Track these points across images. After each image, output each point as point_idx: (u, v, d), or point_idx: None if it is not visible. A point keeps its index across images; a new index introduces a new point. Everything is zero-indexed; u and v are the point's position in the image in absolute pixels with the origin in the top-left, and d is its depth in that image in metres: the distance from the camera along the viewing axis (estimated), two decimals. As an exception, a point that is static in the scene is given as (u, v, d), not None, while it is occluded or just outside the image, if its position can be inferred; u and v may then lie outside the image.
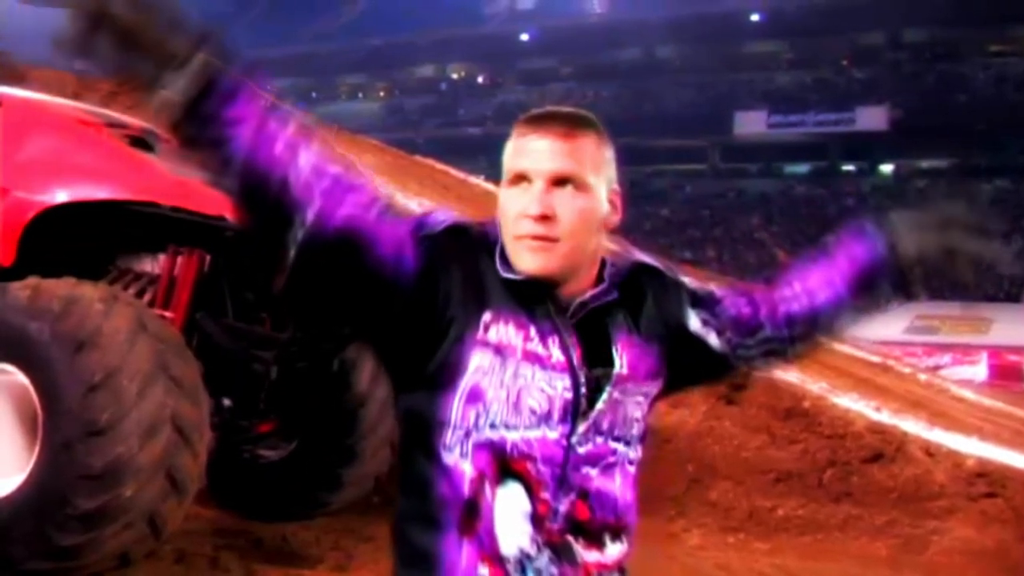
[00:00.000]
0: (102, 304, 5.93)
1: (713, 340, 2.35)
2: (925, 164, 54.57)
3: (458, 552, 2.06)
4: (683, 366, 2.32)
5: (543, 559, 2.07)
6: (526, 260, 2.10)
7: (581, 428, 2.11)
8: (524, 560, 2.06)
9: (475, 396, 2.07)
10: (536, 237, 2.09)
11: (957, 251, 2.51)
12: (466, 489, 2.06)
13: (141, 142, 7.35)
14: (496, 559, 2.06)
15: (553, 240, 2.09)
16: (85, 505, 5.58)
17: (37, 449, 5.79)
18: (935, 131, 50.49)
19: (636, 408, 2.20)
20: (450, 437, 2.07)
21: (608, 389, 2.14)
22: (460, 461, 2.06)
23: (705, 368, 2.42)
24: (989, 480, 9.07)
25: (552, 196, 2.10)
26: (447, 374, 2.08)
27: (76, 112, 7.77)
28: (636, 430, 2.21)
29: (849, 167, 57.01)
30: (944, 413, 11.83)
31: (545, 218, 2.08)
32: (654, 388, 2.26)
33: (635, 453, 2.21)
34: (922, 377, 15.43)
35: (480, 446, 2.06)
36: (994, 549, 8.18)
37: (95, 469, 5.58)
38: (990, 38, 54.68)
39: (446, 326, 2.08)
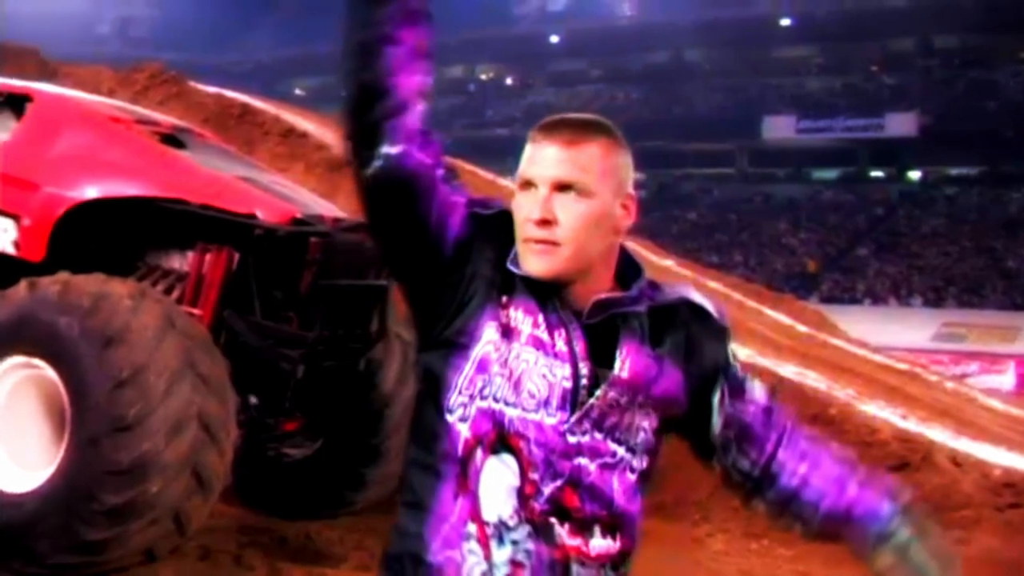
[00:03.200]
0: (131, 301, 5.97)
1: (715, 423, 2.36)
2: (954, 171, 54.28)
3: (452, 505, 2.16)
4: (686, 414, 2.33)
5: (521, 532, 2.15)
6: (531, 263, 2.18)
7: (574, 418, 2.16)
8: (502, 528, 2.14)
9: (484, 366, 2.17)
10: (539, 241, 2.16)
11: None
12: (460, 450, 2.16)
13: (172, 139, 7.40)
14: (481, 521, 2.15)
15: (555, 244, 2.16)
16: (111, 500, 5.63)
17: (64, 444, 5.84)
18: (965, 138, 50.12)
19: (644, 418, 2.24)
20: (454, 399, 2.18)
21: (604, 387, 2.19)
22: (458, 423, 2.17)
23: (692, 436, 2.40)
24: (1016, 490, 9.02)
25: (555, 201, 2.17)
26: (462, 341, 2.19)
27: (107, 109, 7.83)
28: (641, 439, 2.24)
29: (878, 173, 56.70)
30: (971, 422, 11.76)
31: (546, 222, 2.16)
32: (667, 408, 2.27)
33: (639, 463, 2.24)
34: (949, 385, 15.34)
35: (482, 413, 2.16)
36: (1019, 560, 8.13)
37: (122, 465, 5.63)
38: (1021, 45, 54.28)
39: (468, 298, 2.20)
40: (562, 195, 2.17)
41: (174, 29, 70.69)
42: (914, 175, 55.55)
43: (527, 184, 2.20)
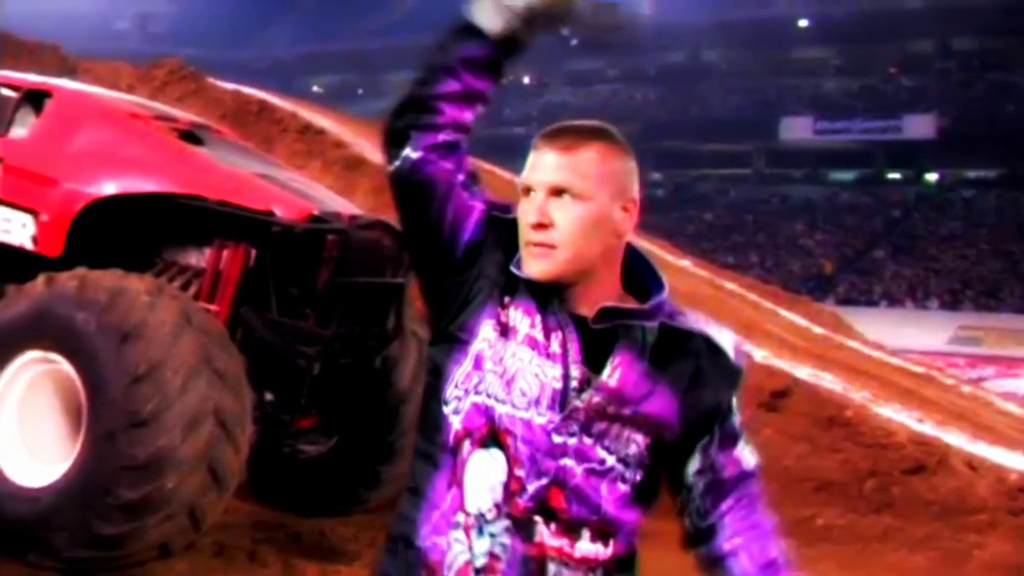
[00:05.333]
0: (148, 296, 5.98)
1: (694, 462, 2.35)
2: (972, 174, 54.11)
3: (445, 494, 2.24)
4: (677, 442, 2.32)
5: (499, 526, 2.19)
6: (530, 265, 2.23)
7: (558, 418, 2.19)
8: (481, 520, 2.20)
9: (479, 363, 2.25)
10: (537, 244, 2.22)
11: None
12: (451, 441, 2.25)
13: (190, 136, 7.42)
14: (466, 511, 2.22)
15: (551, 247, 2.21)
16: (127, 495, 5.64)
17: (81, 438, 5.85)
18: (983, 140, 50.04)
19: (637, 432, 2.24)
20: (450, 392, 2.27)
21: (590, 391, 2.21)
22: (452, 415, 2.25)
23: (670, 467, 2.37)
24: (1032, 495, 8.98)
25: (551, 205, 2.22)
26: (463, 337, 2.27)
27: (126, 105, 7.85)
28: (634, 451, 2.24)
29: (895, 175, 56.56)
30: (988, 426, 11.71)
31: (542, 226, 2.21)
32: (657, 428, 2.26)
33: (632, 475, 2.25)
34: (965, 389, 15.28)
35: (476, 407, 2.23)
36: (1035, 565, 8.09)
37: (138, 460, 5.64)
38: (1041, 48, 54.17)
39: (473, 296, 2.28)
40: (558, 199, 2.22)
41: (193, 25, 70.92)
42: (931, 177, 55.40)
43: (527, 190, 2.25)
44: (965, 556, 8.20)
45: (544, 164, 2.24)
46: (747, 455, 2.38)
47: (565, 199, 2.21)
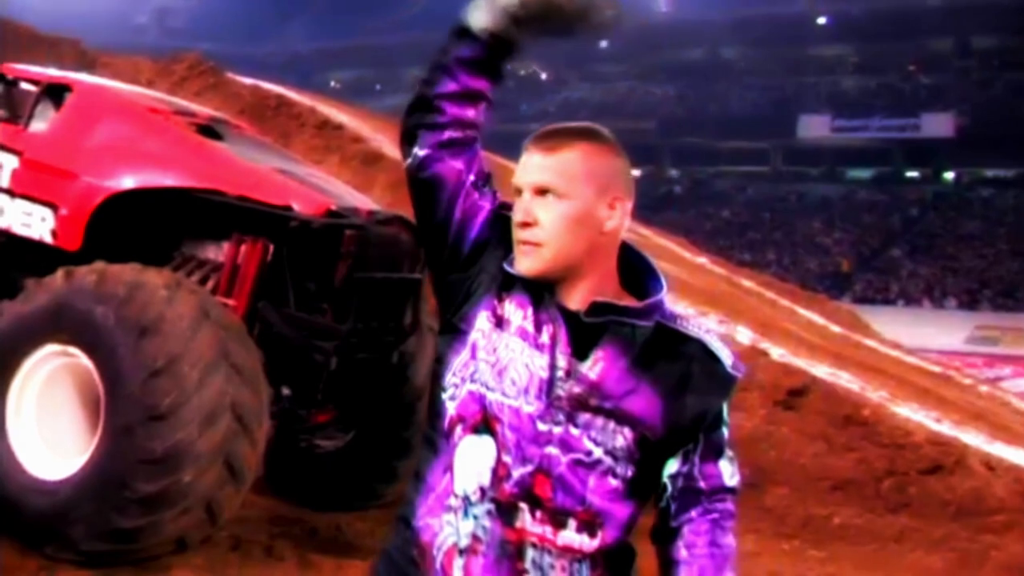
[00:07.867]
0: (166, 291, 5.99)
1: (673, 465, 2.36)
2: (990, 173, 53.90)
3: (440, 478, 2.33)
4: (660, 442, 2.32)
5: (482, 509, 2.27)
6: (520, 263, 2.31)
7: (543, 405, 2.26)
8: (467, 503, 2.28)
9: (474, 352, 2.34)
10: (524, 242, 2.30)
11: None
12: (446, 426, 2.34)
13: (209, 130, 7.42)
14: (456, 494, 2.30)
15: (537, 244, 2.29)
16: (144, 489, 5.64)
17: (99, 432, 5.86)
18: (1001, 140, 49.79)
19: (625, 425, 2.26)
20: (448, 379, 2.36)
21: (572, 381, 2.26)
22: (448, 401, 2.35)
23: (649, 462, 2.36)
24: (1049, 496, 8.94)
25: (536, 204, 2.30)
26: (462, 327, 2.36)
27: (145, 99, 7.86)
28: (621, 445, 2.26)
29: (913, 173, 56.37)
30: (1005, 426, 11.68)
31: (527, 225, 2.29)
32: (640, 426, 2.26)
33: (623, 470, 2.27)
34: (983, 389, 15.24)
35: (471, 395, 2.32)
36: (1052, 566, 8.06)
37: (155, 454, 5.64)
38: (1060, 47, 53.92)
39: (475, 289, 2.37)
40: (543, 199, 2.29)
41: (211, 20, 71.10)
42: (949, 176, 55.22)
43: (517, 191, 2.32)
44: (982, 557, 8.17)
45: (530, 165, 2.32)
46: (728, 471, 2.41)
47: (549, 198, 2.28)
